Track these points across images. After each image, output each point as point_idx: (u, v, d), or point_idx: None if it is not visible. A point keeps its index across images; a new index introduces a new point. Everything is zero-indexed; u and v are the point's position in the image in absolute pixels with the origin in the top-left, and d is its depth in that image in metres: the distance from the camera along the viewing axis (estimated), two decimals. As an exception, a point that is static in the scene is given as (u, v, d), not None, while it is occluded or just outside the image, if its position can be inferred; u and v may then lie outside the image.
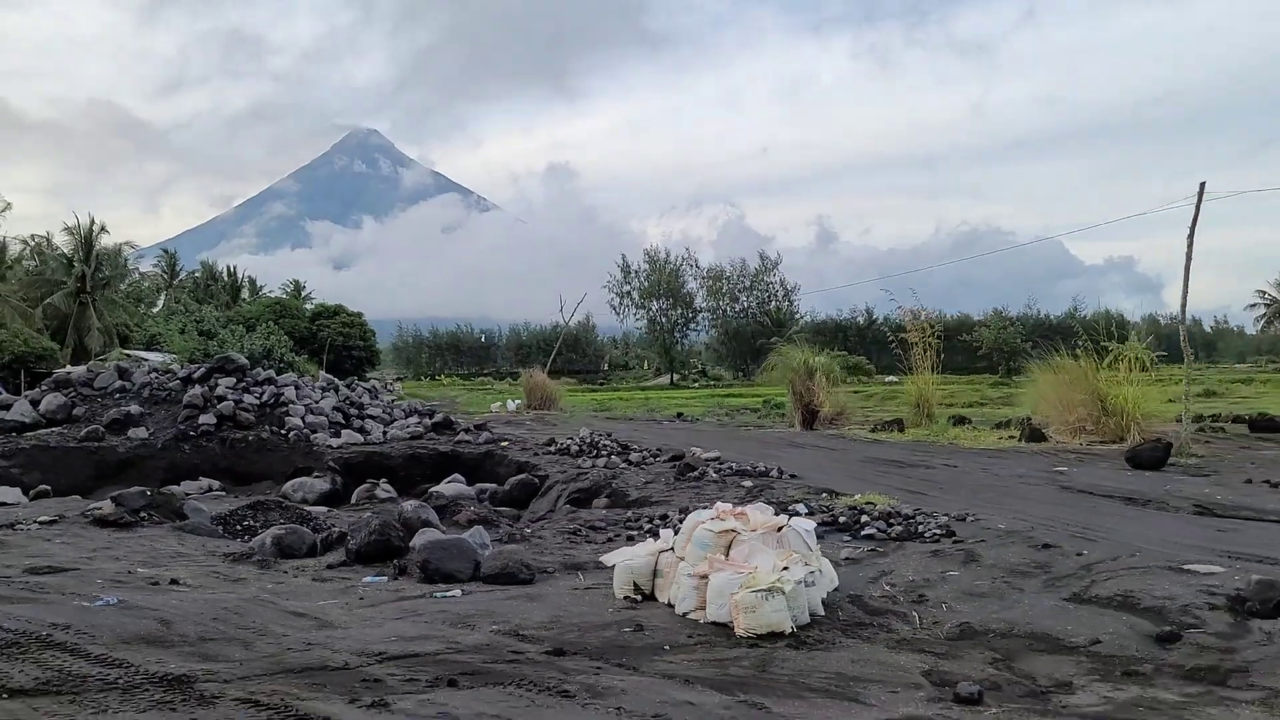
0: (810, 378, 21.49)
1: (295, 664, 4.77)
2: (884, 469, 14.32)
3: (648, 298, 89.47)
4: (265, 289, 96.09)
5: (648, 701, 4.28)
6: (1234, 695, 4.75)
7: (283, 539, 8.90)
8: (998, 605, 6.38)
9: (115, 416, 18.95)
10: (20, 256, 59.29)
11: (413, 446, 19.19)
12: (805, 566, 6.25)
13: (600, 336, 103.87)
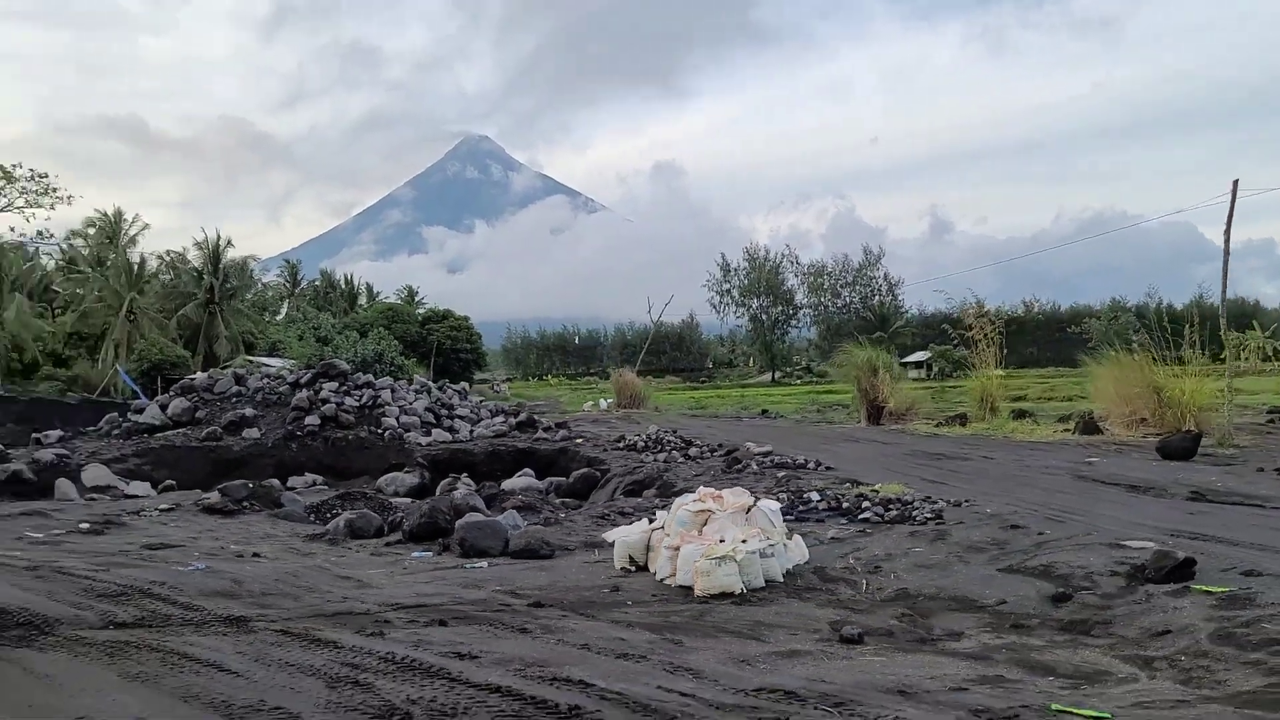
0: (874, 375, 22.21)
1: (328, 610, 6.13)
2: (921, 461, 15.10)
3: (748, 295, 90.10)
4: (381, 295, 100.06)
5: (587, 637, 5.47)
6: (1089, 641, 5.66)
7: (353, 522, 10.39)
8: (939, 575, 7.33)
9: (232, 419, 21.06)
10: (157, 271, 63.56)
11: (494, 444, 20.75)
12: (765, 540, 7.33)
13: (705, 334, 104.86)
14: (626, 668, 4.78)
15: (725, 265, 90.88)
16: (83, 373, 49.55)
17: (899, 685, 4.56)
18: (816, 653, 5.31)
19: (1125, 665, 5.09)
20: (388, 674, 4.54)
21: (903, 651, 5.43)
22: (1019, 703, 4.30)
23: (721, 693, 4.36)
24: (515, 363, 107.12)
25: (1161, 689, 4.62)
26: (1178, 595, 6.09)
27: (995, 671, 4.93)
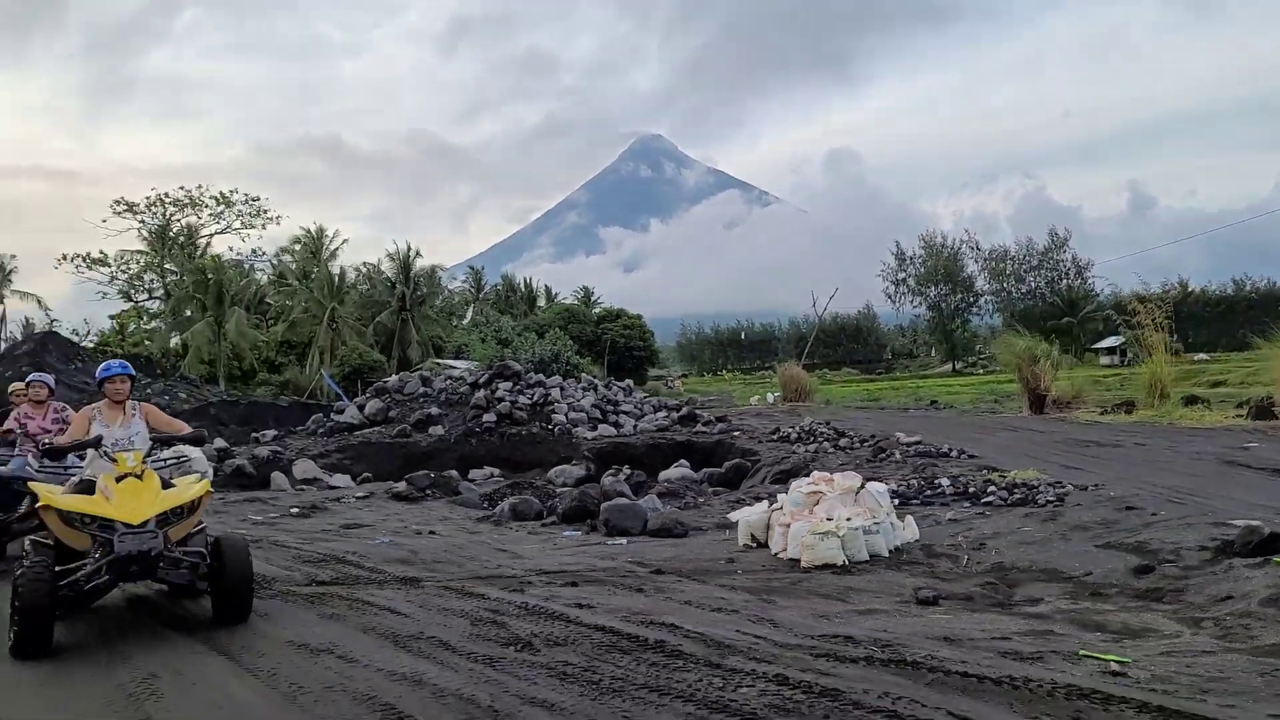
0: (1034, 363, 21.98)
1: (482, 573, 7.32)
2: (1069, 449, 15.15)
3: (924, 284, 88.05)
4: (559, 296, 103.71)
5: (692, 595, 6.40)
6: (1155, 607, 6.13)
7: (516, 506, 11.69)
8: (1037, 550, 7.83)
9: (419, 417, 23.12)
10: (355, 282, 68.31)
11: (655, 438, 21.90)
12: (871, 519, 8.04)
13: (884, 325, 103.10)
14: (716, 617, 5.69)
15: (900, 253, 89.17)
16: (293, 378, 54.22)
17: (949, 635, 5.27)
18: (891, 611, 6.04)
19: (1175, 624, 5.57)
20: (520, 617, 5.63)
21: (971, 612, 6.08)
22: (1050, 649, 4.94)
23: (790, 636, 5.21)
24: (690, 359, 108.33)
25: (1195, 642, 5.12)
26: (1255, 567, 6.43)
27: (1047, 628, 5.54)
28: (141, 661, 5.04)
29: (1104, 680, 4.29)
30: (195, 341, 50.42)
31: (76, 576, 5.37)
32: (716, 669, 4.51)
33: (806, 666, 4.52)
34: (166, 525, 5.65)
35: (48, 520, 5.70)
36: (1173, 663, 4.67)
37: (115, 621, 6.05)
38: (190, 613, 6.16)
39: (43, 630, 5.19)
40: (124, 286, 59.09)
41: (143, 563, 5.42)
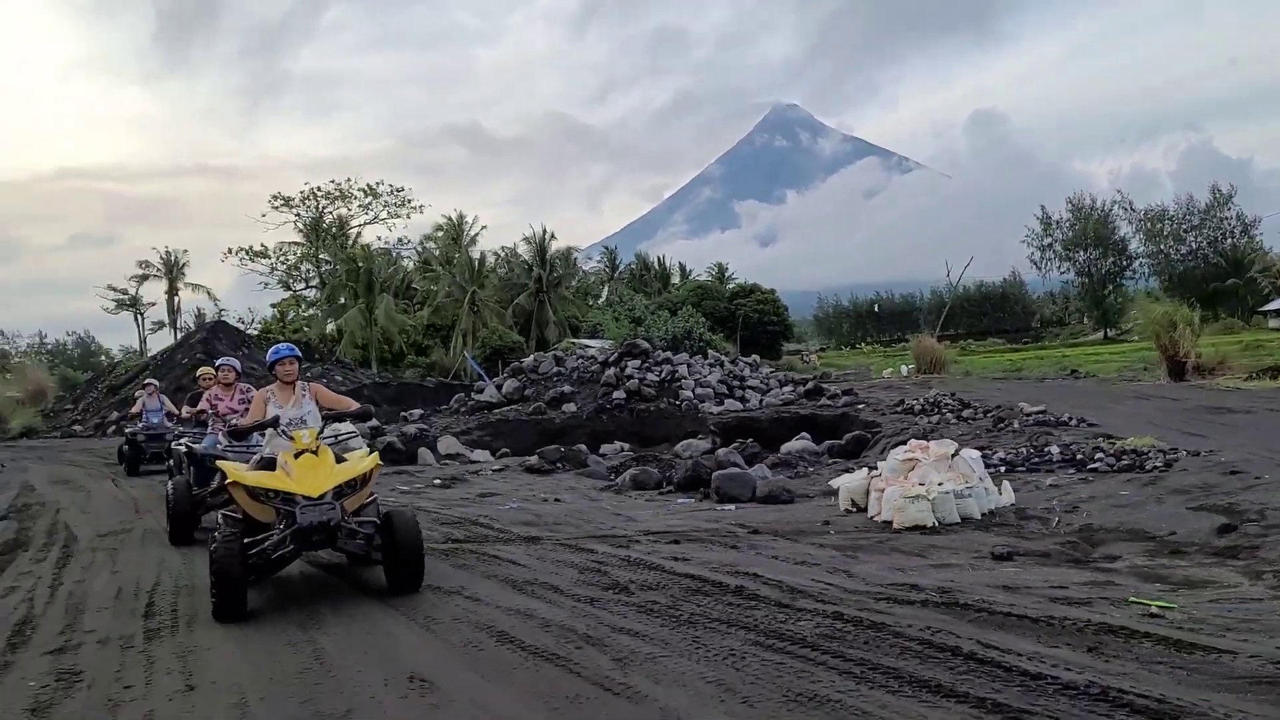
0: (1173, 329, 21.36)
1: (596, 533, 8.12)
2: (1197, 416, 14.90)
3: (1072, 248, 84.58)
4: (693, 273, 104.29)
5: (780, 551, 7.02)
6: (1228, 563, 6.39)
7: (636, 476, 12.49)
8: (1128, 513, 8.08)
9: (553, 395, 24.25)
10: (494, 266, 70.64)
11: (779, 411, 22.38)
12: (964, 484, 8.44)
13: (1032, 292, 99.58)
14: (797, 569, 6.31)
15: (1046, 218, 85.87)
16: (438, 359, 56.87)
17: (1009, 584, 5.73)
18: (964, 565, 6.51)
19: (1238, 577, 5.86)
20: (621, 567, 6.40)
21: (1042, 566, 6.49)
22: (1102, 596, 5.36)
23: (859, 584, 5.79)
24: (828, 332, 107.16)
25: (1248, 592, 5.43)
26: None
27: (1109, 579, 5.91)
28: (310, 603, 6.04)
29: (1136, 620, 4.71)
30: (349, 327, 53.48)
31: (264, 546, 5.84)
32: (784, 608, 5.14)
33: (864, 607, 5.10)
34: (342, 497, 6.00)
35: (236, 495, 6.15)
36: (1215, 608, 5.03)
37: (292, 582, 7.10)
38: (357, 574, 7.14)
39: (237, 595, 5.67)
40: (283, 276, 63.02)
41: (323, 533, 5.84)
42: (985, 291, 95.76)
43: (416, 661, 4.58)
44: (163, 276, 64.74)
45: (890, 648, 4.31)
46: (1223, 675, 3.78)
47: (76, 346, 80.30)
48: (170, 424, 16.44)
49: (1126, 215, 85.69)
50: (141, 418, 16.89)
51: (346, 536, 6.01)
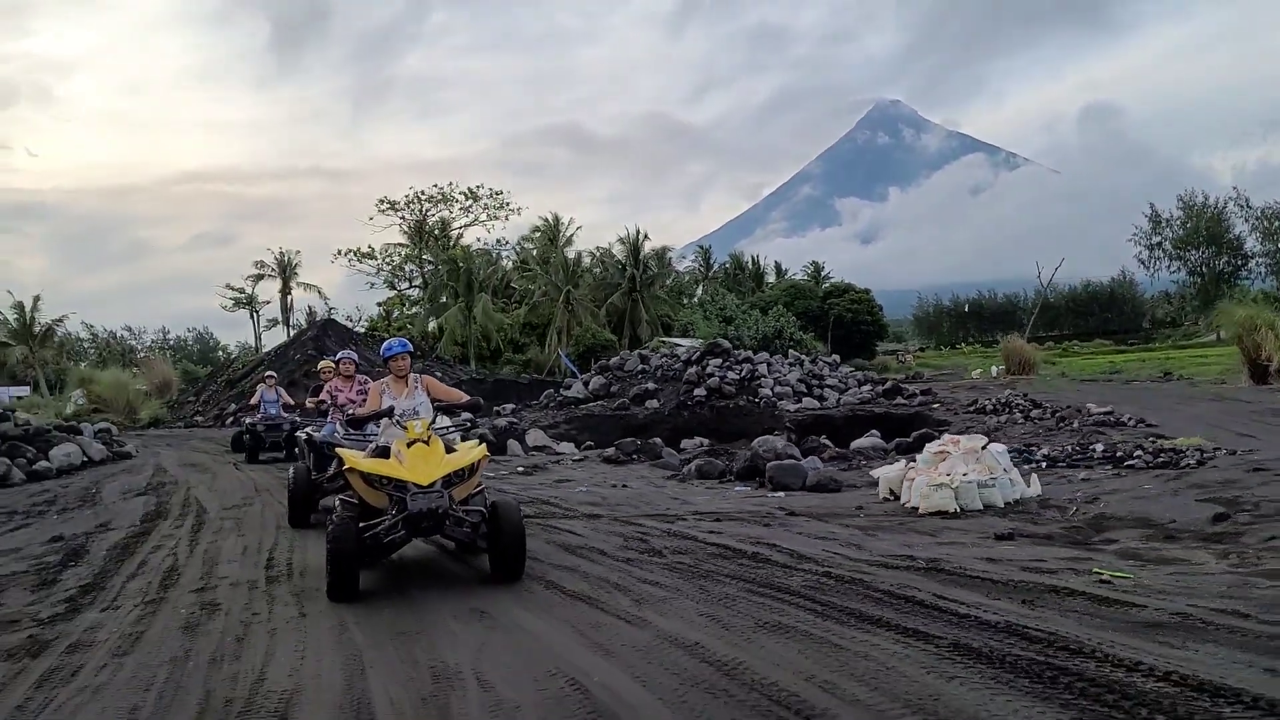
0: (1255, 332, 21.27)
1: (650, 512, 9.16)
2: (1260, 419, 15.15)
3: (1183, 247, 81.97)
4: (789, 273, 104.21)
5: (807, 530, 7.94)
6: (1210, 546, 7.06)
7: (701, 466, 13.47)
8: (1141, 504, 8.73)
9: (637, 392, 25.38)
10: (589, 266, 72.15)
11: (854, 410, 23.06)
12: (988, 475, 9.20)
13: (1143, 292, 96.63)
14: (814, 542, 7.23)
15: (1155, 216, 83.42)
16: (534, 356, 58.70)
17: (995, 557, 6.55)
18: (966, 544, 7.33)
19: (1208, 557, 6.55)
20: (661, 538, 7.43)
21: (1036, 545, 7.26)
22: (1071, 568, 6.14)
23: (864, 555, 6.69)
24: (928, 331, 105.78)
25: (1206, 568, 6.14)
26: None
27: (1090, 556, 6.68)
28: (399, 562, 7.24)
29: (1086, 585, 5.51)
30: (449, 325, 55.64)
31: (377, 530, 6.08)
32: (786, 569, 6.10)
33: (855, 570, 6.02)
34: (450, 486, 6.21)
35: (352, 480, 6.45)
36: (1167, 579, 5.77)
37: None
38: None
39: (350, 575, 5.96)
40: (388, 276, 65.82)
41: (431, 519, 6.06)
42: (1093, 291, 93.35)
43: (478, 600, 5.69)
44: (277, 276, 68.14)
45: (857, 596, 5.23)
46: (1122, 621, 4.60)
47: (196, 342, 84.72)
48: (286, 415, 17.88)
49: (1243, 213, 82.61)
50: (260, 409, 18.04)
51: (454, 524, 6.22)
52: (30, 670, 4.75)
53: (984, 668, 3.88)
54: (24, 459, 17.02)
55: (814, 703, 3.58)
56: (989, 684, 3.68)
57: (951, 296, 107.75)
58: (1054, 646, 4.11)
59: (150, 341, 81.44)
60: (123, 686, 4.39)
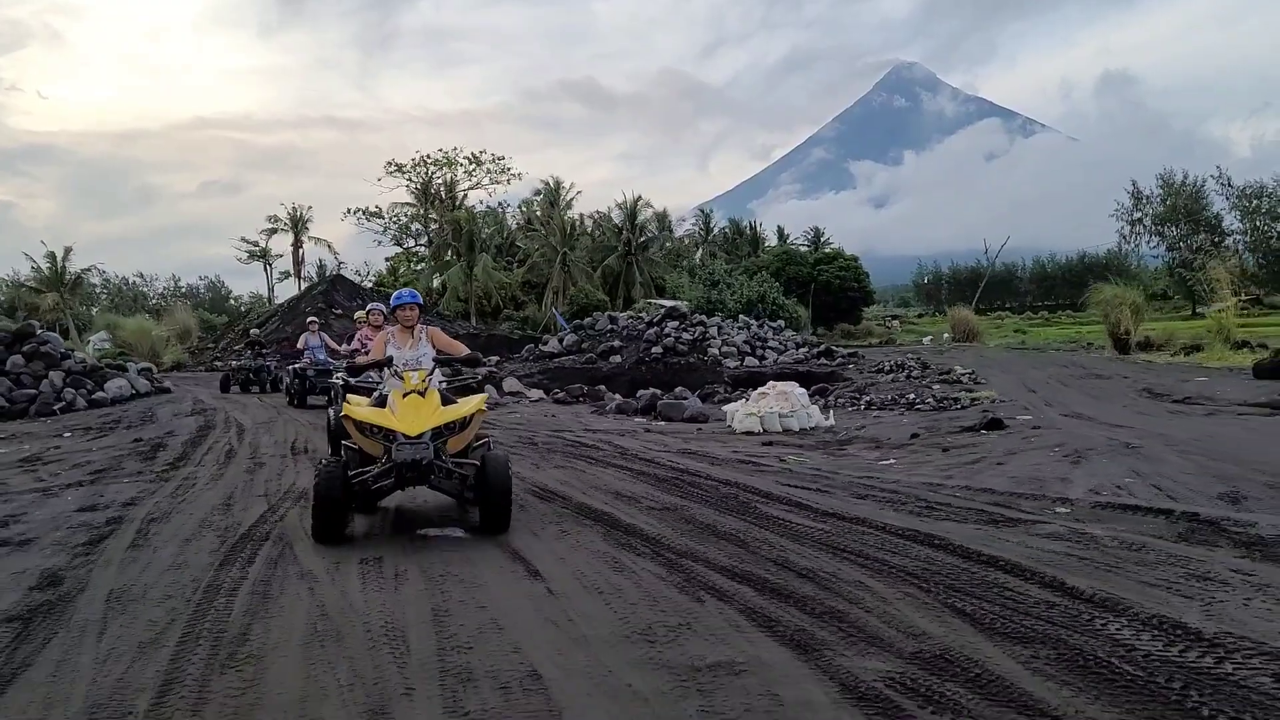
0: (1118, 310, 25.10)
1: (554, 429, 13.27)
2: (1061, 379, 19.10)
3: (1162, 224, 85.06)
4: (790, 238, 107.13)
5: (646, 439, 11.97)
6: (895, 452, 11.01)
7: (620, 405, 17.51)
8: (885, 429, 12.73)
9: (604, 348, 29.37)
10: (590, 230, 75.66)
11: (785, 367, 27.01)
12: (789, 409, 13.18)
13: (1143, 264, 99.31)
14: (640, 443, 11.31)
15: (1136, 192, 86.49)
16: (531, 314, 62.72)
17: (734, 449, 10.56)
18: (739, 446, 11.33)
19: (877, 454, 10.51)
20: (545, 439, 11.52)
21: (783, 448, 11.25)
22: (775, 456, 10.13)
23: (665, 449, 10.73)
24: (927, 298, 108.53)
25: (866, 460, 10.11)
26: (973, 434, 11.22)
27: (799, 453, 10.67)
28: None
29: (768, 461, 9.50)
30: (452, 282, 59.63)
31: (365, 477, 6.22)
32: (601, 450, 10.16)
33: (645, 453, 10.06)
34: (440, 438, 6.28)
35: (348, 427, 6.63)
36: (833, 464, 9.75)
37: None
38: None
39: (336, 519, 6.10)
40: (395, 234, 69.77)
41: (415, 470, 6.14)
42: (1089, 262, 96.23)
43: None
44: (289, 230, 72.01)
45: (630, 461, 9.32)
46: (771, 474, 8.61)
47: (208, 290, 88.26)
48: (333, 360, 17.53)
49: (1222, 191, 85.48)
50: (305, 354, 18.60)
51: (443, 476, 6.31)
52: (167, 485, 8.83)
53: (679, 489, 7.93)
54: (85, 390, 21.01)
55: (569, 495, 7.64)
56: (681, 498, 7.73)
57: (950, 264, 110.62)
58: (732, 486, 8.12)
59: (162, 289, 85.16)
60: (221, 489, 8.49)
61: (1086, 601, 4.29)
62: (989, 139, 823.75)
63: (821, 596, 4.53)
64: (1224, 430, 10.56)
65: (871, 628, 4.03)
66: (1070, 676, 3.41)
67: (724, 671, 3.57)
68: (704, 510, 6.89)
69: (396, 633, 4.16)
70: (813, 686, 3.40)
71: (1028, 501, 6.87)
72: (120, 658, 3.92)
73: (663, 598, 4.60)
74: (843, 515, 6.50)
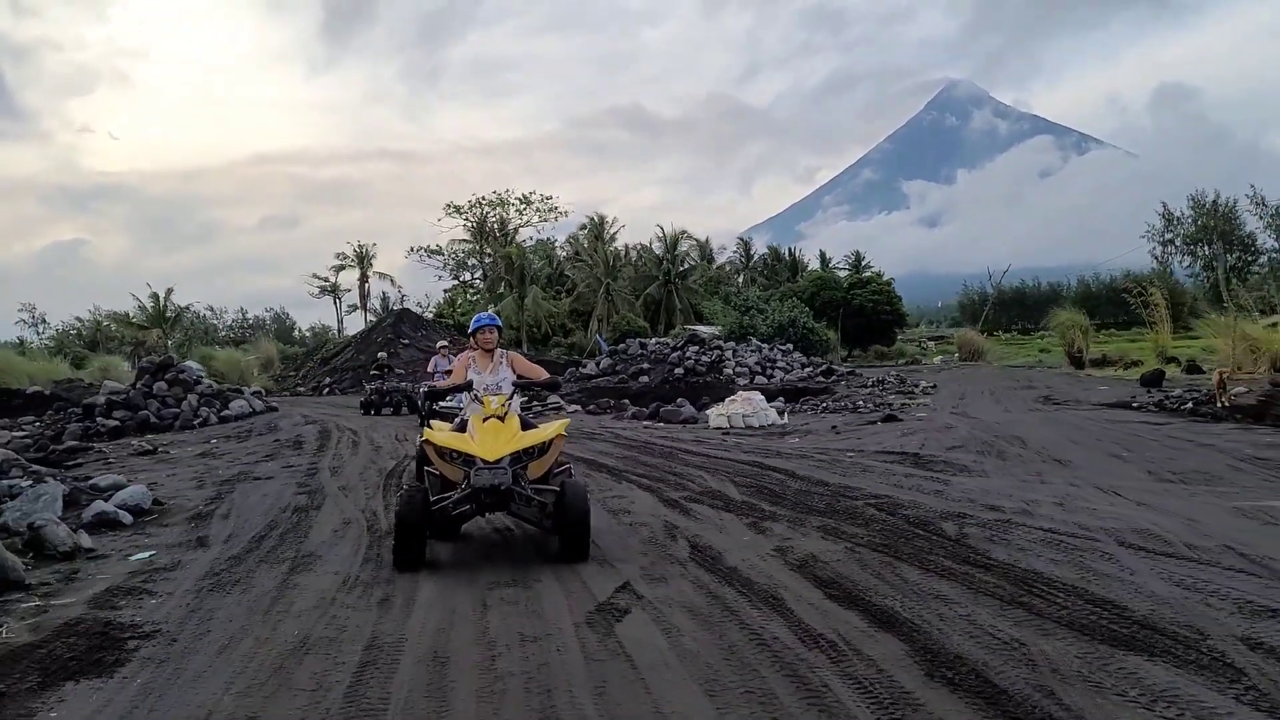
0: (1071, 331, 29.36)
1: (581, 430, 18.12)
2: (999, 390, 23.52)
3: (1193, 244, 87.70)
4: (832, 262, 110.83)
5: (644, 434, 16.82)
6: (810, 436, 15.70)
7: (636, 414, 22.33)
8: (816, 422, 17.33)
9: (634, 370, 34.25)
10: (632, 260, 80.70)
11: (787, 384, 31.65)
12: (750, 409, 17.91)
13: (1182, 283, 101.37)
14: (642, 433, 16.15)
15: (1167, 214, 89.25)
16: (578, 340, 67.92)
17: (696, 439, 15.35)
18: (700, 437, 16.07)
19: (801, 442, 15.18)
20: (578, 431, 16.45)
21: (736, 438, 15.98)
22: (733, 442, 14.90)
23: (646, 434, 15.55)
24: (973, 318, 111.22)
25: (791, 441, 14.82)
26: (883, 421, 15.91)
27: (744, 440, 15.40)
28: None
29: (722, 445, 14.28)
30: (505, 313, 65.07)
31: (446, 503, 6.25)
32: (602, 439, 15.02)
33: (630, 436, 14.90)
34: (519, 464, 6.26)
35: (429, 452, 6.60)
36: (762, 442, 14.47)
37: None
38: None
39: (416, 545, 6.13)
40: (453, 268, 75.70)
41: (494, 496, 6.14)
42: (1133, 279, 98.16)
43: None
44: (355, 266, 78.25)
45: (615, 440, 14.18)
46: (708, 445, 13.41)
47: (274, 322, 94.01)
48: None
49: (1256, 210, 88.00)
50: (434, 376, 19.31)
51: (522, 503, 6.26)
52: (326, 458, 13.84)
53: (640, 448, 12.79)
54: (215, 408, 26.36)
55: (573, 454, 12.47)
56: (638, 452, 12.59)
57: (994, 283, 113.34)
58: (672, 448, 12.94)
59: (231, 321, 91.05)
60: (358, 462, 13.47)
61: (802, 479, 9.07)
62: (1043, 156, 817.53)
63: (677, 480, 9.38)
64: (1030, 419, 15.17)
65: (686, 484, 8.93)
66: (760, 499, 8.21)
67: (614, 495, 8.43)
68: (648, 457, 11.80)
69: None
70: (650, 500, 8.28)
71: (840, 453, 11.61)
72: (356, 503, 8.90)
73: (600, 485, 9.46)
74: (724, 458, 11.34)
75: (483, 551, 6.85)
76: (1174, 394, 17.93)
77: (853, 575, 5.41)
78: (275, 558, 6.69)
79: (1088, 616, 4.36)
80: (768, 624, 4.55)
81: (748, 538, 6.70)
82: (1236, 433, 12.26)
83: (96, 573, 6.38)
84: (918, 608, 4.67)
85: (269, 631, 4.82)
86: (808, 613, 4.70)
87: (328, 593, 5.58)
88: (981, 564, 5.50)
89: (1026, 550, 5.82)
